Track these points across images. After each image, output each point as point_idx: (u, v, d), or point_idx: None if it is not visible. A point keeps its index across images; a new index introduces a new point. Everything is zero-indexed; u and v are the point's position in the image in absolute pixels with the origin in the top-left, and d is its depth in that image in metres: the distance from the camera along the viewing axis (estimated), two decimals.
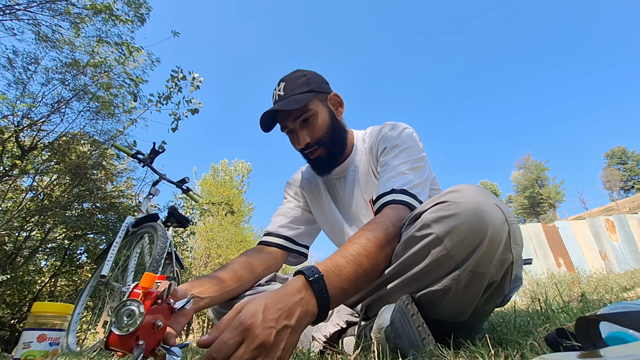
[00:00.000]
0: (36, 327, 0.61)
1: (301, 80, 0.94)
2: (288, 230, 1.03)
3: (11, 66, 3.48)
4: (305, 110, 0.91)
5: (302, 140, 0.93)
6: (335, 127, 0.96)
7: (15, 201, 3.89)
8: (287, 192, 1.16)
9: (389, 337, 0.56)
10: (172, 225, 2.24)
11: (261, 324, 0.49)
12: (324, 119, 0.94)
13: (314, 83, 0.95)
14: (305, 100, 0.90)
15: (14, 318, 3.85)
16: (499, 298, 0.66)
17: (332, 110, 0.98)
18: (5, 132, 3.25)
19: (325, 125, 0.94)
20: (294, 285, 0.56)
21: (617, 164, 50.29)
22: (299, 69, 0.99)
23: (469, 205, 0.57)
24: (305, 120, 0.92)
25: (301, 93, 0.91)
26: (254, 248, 1.01)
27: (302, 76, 0.95)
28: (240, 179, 14.97)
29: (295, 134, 0.95)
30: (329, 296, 0.57)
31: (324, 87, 0.98)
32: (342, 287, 0.60)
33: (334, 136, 0.95)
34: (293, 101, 0.89)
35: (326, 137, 0.94)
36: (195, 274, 8.63)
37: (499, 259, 0.58)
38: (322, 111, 0.94)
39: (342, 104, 1.02)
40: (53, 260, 4.37)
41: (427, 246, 0.61)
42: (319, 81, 0.97)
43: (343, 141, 0.98)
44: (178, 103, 4.32)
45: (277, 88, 0.96)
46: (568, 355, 0.34)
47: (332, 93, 0.99)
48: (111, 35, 4.03)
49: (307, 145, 0.93)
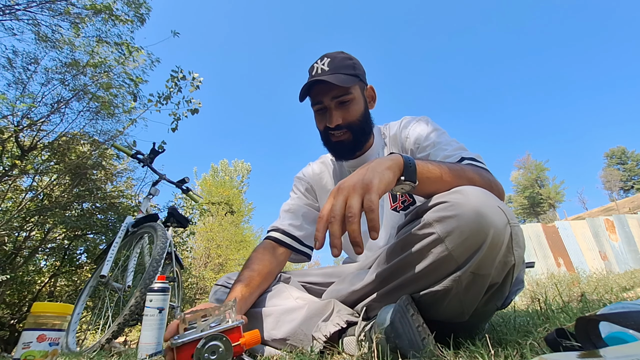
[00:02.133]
0: (36, 327, 0.61)
1: (348, 63, 0.93)
2: (297, 231, 1.02)
3: (11, 66, 3.47)
4: (347, 92, 0.91)
5: (334, 119, 0.92)
6: (367, 117, 0.97)
7: (15, 201, 3.89)
8: (296, 186, 1.14)
9: (389, 337, 0.56)
10: (172, 226, 2.24)
11: (340, 182, 0.58)
12: (360, 106, 0.94)
13: (359, 69, 0.96)
14: (350, 82, 0.90)
15: (14, 318, 3.84)
16: (499, 300, 0.66)
17: (367, 101, 0.99)
18: (5, 132, 3.24)
19: (360, 113, 0.94)
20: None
21: (617, 164, 50.28)
22: (344, 52, 0.98)
23: (471, 206, 0.57)
24: (343, 102, 0.92)
25: (347, 74, 0.91)
26: (266, 245, 0.99)
27: (348, 58, 0.95)
28: (240, 179, 14.95)
29: (329, 112, 0.93)
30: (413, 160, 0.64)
31: (364, 77, 0.99)
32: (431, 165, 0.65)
33: (364, 125, 0.96)
34: (340, 79, 0.88)
35: (358, 123, 0.94)
36: (195, 274, 8.61)
37: (501, 261, 0.58)
38: (360, 98, 0.95)
39: (375, 99, 1.03)
40: (53, 260, 4.36)
41: (428, 246, 0.61)
42: (362, 70, 0.98)
43: (370, 132, 1.00)
44: (178, 103, 4.32)
45: (320, 62, 0.93)
46: (568, 355, 0.34)
47: (369, 85, 1.01)
48: (111, 35, 4.02)
49: (338, 127, 0.92)
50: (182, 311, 2.58)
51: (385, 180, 0.58)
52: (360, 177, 0.57)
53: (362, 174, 0.58)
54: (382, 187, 0.56)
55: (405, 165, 0.62)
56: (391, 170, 0.60)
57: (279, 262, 0.97)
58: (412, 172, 0.62)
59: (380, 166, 0.60)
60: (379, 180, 0.56)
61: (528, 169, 48.85)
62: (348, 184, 0.57)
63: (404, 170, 0.62)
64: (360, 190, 0.55)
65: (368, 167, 0.59)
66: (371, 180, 0.56)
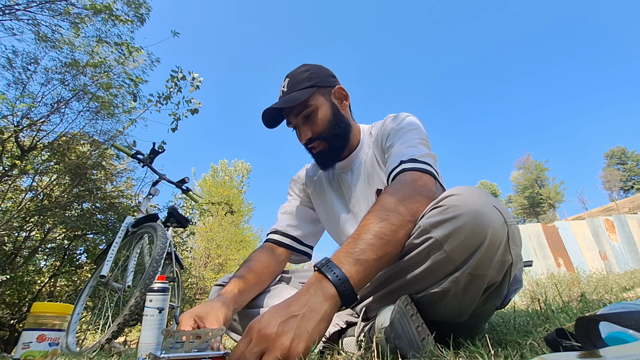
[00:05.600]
0: (36, 327, 0.61)
1: (304, 76, 0.94)
2: (295, 230, 1.04)
3: (11, 66, 3.47)
4: (306, 106, 0.92)
5: (303, 135, 0.94)
6: (337, 121, 0.95)
7: (14, 201, 3.88)
8: (292, 189, 1.15)
9: (388, 338, 0.56)
10: (172, 226, 2.24)
11: (264, 321, 0.52)
12: (324, 114, 0.93)
13: (316, 77, 0.95)
14: (304, 96, 0.90)
15: (14, 318, 3.84)
16: (498, 299, 0.66)
17: (336, 104, 0.97)
18: (4, 132, 3.24)
19: (326, 120, 0.93)
20: (307, 282, 0.58)
21: (617, 164, 50.29)
22: (305, 64, 0.99)
23: (468, 208, 0.56)
24: (307, 116, 0.93)
25: (302, 89, 0.92)
26: (265, 246, 1.00)
27: (305, 71, 0.95)
28: (240, 179, 14.95)
29: (298, 130, 0.96)
30: (343, 273, 0.57)
31: (329, 81, 0.97)
32: (357, 259, 0.59)
33: (336, 130, 0.94)
34: (292, 99, 0.90)
35: (327, 131, 0.94)
36: (194, 274, 8.61)
37: (499, 261, 0.58)
38: (323, 105, 0.94)
39: (347, 97, 1.01)
40: (53, 260, 4.36)
41: (427, 250, 0.61)
42: (322, 75, 0.97)
43: (345, 135, 0.97)
44: (178, 103, 4.31)
45: (283, 84, 0.96)
46: (568, 355, 0.34)
47: (336, 86, 0.99)
48: (111, 35, 4.02)
49: (309, 140, 0.94)
50: (182, 311, 2.57)
51: (314, 339, 0.53)
52: (284, 333, 0.51)
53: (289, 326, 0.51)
54: (306, 351, 0.51)
55: (341, 296, 0.56)
56: (325, 322, 0.55)
57: (279, 262, 0.97)
58: (349, 295, 0.57)
59: (311, 320, 0.53)
60: (306, 347, 0.51)
61: (528, 169, 48.87)
62: (268, 332, 0.50)
63: (341, 301, 0.57)
64: (279, 352, 0.49)
65: (299, 321, 0.52)
66: (296, 347, 0.50)
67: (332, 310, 0.57)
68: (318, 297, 0.56)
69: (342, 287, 0.56)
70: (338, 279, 0.57)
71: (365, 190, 0.97)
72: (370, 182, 0.96)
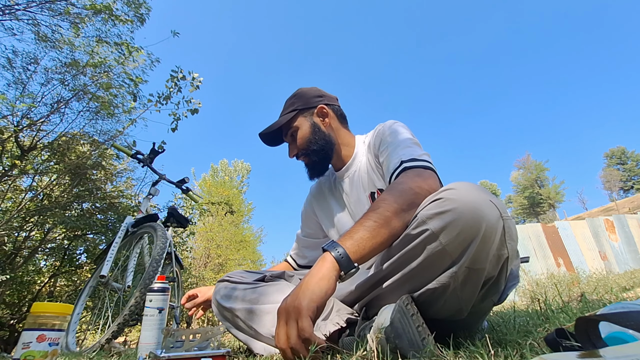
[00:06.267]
0: (36, 327, 0.61)
1: (289, 102, 1.11)
2: (301, 260, 1.24)
3: (11, 66, 3.47)
4: (289, 127, 1.08)
5: (290, 152, 1.10)
6: (314, 138, 1.06)
7: (14, 201, 3.89)
8: (302, 213, 1.27)
9: (389, 337, 0.56)
10: (172, 226, 2.24)
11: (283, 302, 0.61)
12: (304, 133, 1.06)
13: (298, 102, 1.09)
14: (284, 120, 1.06)
15: (14, 318, 3.84)
16: (496, 295, 0.67)
17: (317, 122, 1.08)
18: (4, 132, 3.24)
19: (304, 138, 1.06)
20: None
21: (617, 164, 50.33)
22: (299, 88, 1.14)
23: (463, 201, 0.58)
24: (292, 135, 1.08)
25: (286, 113, 1.08)
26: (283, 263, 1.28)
27: (292, 97, 1.12)
28: (240, 179, 14.95)
29: (288, 147, 1.12)
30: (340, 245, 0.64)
31: (312, 102, 1.09)
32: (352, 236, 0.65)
33: (313, 146, 1.06)
34: (275, 123, 1.07)
35: (305, 147, 1.06)
36: (195, 274, 8.62)
37: (495, 255, 0.59)
38: (303, 125, 1.07)
39: (327, 115, 1.10)
40: (52, 260, 4.36)
41: (423, 242, 0.62)
42: (305, 98, 1.10)
43: (324, 149, 1.07)
44: (178, 103, 4.32)
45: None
46: (568, 356, 0.34)
47: (318, 106, 1.09)
48: (111, 35, 4.03)
49: (296, 156, 1.09)
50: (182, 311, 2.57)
51: (318, 295, 0.58)
52: (292, 301, 0.59)
53: (295, 295, 0.60)
54: (312, 306, 0.57)
55: (338, 261, 0.62)
56: (325, 280, 0.60)
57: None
58: (347, 263, 0.62)
59: (311, 281, 0.60)
60: (309, 301, 0.57)
61: (528, 169, 48.90)
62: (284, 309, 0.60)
63: (340, 267, 0.62)
64: (294, 316, 0.57)
65: (301, 287, 0.61)
66: (300, 303, 0.57)
67: (330, 272, 0.61)
68: (318, 264, 0.63)
69: (338, 253, 0.63)
70: (336, 250, 0.64)
71: (362, 195, 1.04)
72: (366, 187, 1.03)
